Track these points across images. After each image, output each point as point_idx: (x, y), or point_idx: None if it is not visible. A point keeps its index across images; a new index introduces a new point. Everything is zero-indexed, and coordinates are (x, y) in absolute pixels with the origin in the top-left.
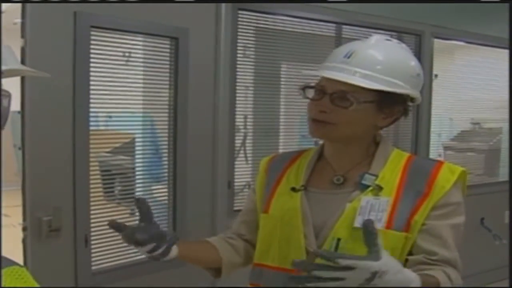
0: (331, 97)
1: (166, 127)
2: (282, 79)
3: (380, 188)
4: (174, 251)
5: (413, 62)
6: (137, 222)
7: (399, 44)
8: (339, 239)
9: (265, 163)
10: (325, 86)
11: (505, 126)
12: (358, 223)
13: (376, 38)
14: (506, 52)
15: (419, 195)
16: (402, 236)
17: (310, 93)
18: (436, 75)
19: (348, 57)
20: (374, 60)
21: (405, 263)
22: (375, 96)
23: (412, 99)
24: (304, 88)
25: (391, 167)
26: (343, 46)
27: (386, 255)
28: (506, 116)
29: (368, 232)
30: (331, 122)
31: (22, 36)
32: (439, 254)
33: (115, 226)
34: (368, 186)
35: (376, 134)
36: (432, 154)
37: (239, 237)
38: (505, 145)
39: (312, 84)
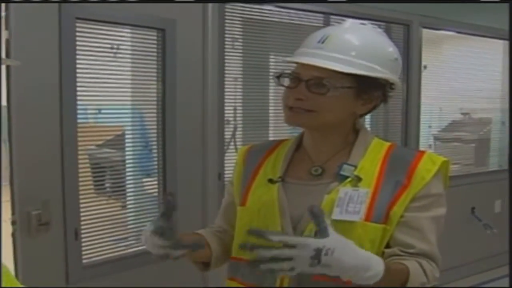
0: (307, 83)
1: (155, 120)
2: (271, 70)
3: (359, 179)
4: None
5: (390, 46)
6: (128, 215)
7: (375, 28)
8: (316, 232)
9: (243, 154)
10: (300, 73)
11: (495, 116)
12: (336, 215)
13: (351, 22)
14: (495, 41)
15: (399, 186)
16: (381, 228)
17: (286, 81)
18: (425, 66)
19: (323, 42)
20: (350, 44)
21: (382, 256)
22: (352, 82)
23: (391, 85)
24: (279, 76)
25: (371, 157)
26: (317, 31)
27: (336, 235)
28: (496, 106)
29: (314, 215)
30: (309, 109)
31: (6, 28)
32: (417, 247)
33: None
34: (347, 177)
35: (355, 122)
36: (422, 145)
37: (225, 231)
38: (495, 135)
39: (287, 72)
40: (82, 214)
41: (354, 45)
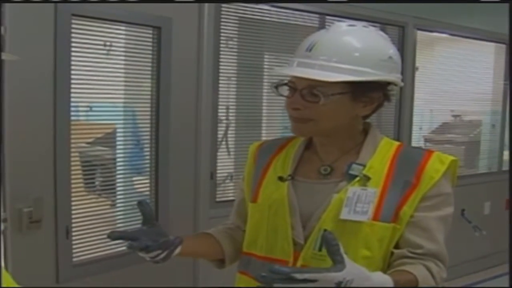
0: (301, 93)
1: (148, 118)
2: (265, 70)
3: (367, 178)
4: (176, 250)
5: (383, 46)
6: (118, 213)
7: (366, 28)
8: (325, 231)
9: (253, 151)
10: (295, 82)
11: (485, 118)
12: (344, 215)
13: (339, 26)
14: (486, 44)
15: (408, 186)
16: (390, 227)
17: (284, 90)
18: (417, 68)
19: (310, 50)
20: (337, 50)
21: (391, 256)
22: (344, 87)
23: (391, 84)
24: (277, 86)
25: (380, 156)
26: (307, 38)
27: (351, 264)
28: (486, 108)
29: (329, 244)
30: (307, 118)
31: (2, 23)
32: (425, 248)
33: (120, 237)
34: (356, 176)
35: (364, 123)
36: None
37: (237, 228)
38: (484, 137)
39: (285, 81)
40: (73, 212)
41: (341, 51)
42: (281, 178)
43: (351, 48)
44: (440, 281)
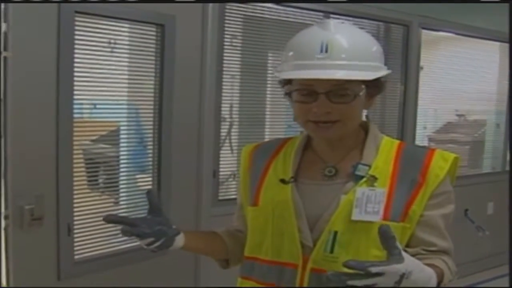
0: (327, 95)
1: (151, 116)
2: (269, 68)
3: (374, 178)
4: (179, 242)
5: (374, 40)
6: (121, 211)
7: (350, 24)
8: (336, 232)
9: (248, 153)
10: (313, 85)
11: (490, 118)
12: (355, 215)
13: (335, 24)
14: (491, 43)
15: (414, 185)
16: (399, 226)
17: (295, 95)
18: (421, 67)
19: (326, 51)
20: (355, 48)
21: None
22: (364, 84)
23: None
24: (290, 93)
25: (383, 156)
26: (304, 38)
27: (407, 255)
28: (491, 108)
29: (387, 237)
30: (336, 120)
31: (5, 20)
32: (438, 245)
33: (114, 221)
34: (362, 177)
35: (362, 121)
36: None
37: (240, 231)
38: (489, 137)
39: (296, 87)
40: (75, 209)
41: (360, 49)
42: (283, 181)
43: (365, 46)
44: (455, 275)
